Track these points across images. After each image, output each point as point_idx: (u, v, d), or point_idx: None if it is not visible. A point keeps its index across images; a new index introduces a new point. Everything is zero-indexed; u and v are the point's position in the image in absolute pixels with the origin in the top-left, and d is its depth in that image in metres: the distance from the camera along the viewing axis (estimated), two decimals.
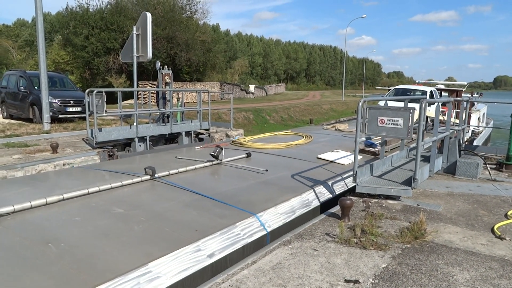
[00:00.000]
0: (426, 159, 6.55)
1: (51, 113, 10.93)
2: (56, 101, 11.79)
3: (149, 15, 10.25)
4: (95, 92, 7.77)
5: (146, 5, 29.22)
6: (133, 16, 27.60)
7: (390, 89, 17.73)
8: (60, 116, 11.87)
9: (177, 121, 10.40)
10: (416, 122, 5.90)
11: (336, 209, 4.73)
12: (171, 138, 10.41)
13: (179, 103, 10.89)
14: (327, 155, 7.58)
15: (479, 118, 20.09)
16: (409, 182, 5.23)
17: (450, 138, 6.89)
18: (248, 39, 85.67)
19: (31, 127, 10.90)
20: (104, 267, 3.03)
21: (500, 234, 3.95)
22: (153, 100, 18.36)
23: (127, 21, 27.57)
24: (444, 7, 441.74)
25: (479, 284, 2.98)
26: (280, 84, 67.59)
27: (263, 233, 4.12)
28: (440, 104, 6.67)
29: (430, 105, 11.03)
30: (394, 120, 5.21)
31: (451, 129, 6.89)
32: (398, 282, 2.99)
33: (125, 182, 5.36)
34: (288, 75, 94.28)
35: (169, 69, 10.42)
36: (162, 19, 28.73)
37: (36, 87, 12.11)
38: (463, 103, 7.72)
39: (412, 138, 5.73)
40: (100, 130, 8.16)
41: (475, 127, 17.29)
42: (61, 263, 3.08)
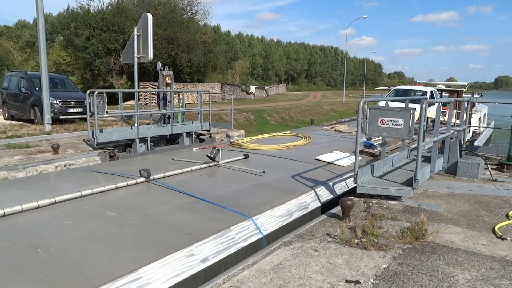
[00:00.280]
0: (427, 159, 6.54)
1: (52, 114, 10.95)
2: (57, 102, 11.81)
3: (150, 16, 10.27)
4: (96, 93, 7.79)
5: (147, 6, 29.29)
6: (134, 17, 27.66)
7: (390, 90, 17.70)
8: (61, 117, 11.89)
9: (178, 122, 10.40)
10: (416, 122, 5.89)
11: (337, 209, 4.73)
12: (172, 139, 10.42)
13: (180, 104, 10.90)
14: (325, 157, 7.53)
15: (480, 119, 20.06)
16: (410, 182, 5.23)
17: (451, 138, 6.88)
18: (249, 39, 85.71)
19: (32, 128, 10.93)
20: (93, 273, 2.95)
21: (501, 234, 3.95)
22: (154, 101, 18.40)
23: (128, 22, 27.63)
24: (445, 8, 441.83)
25: (480, 284, 2.98)
26: (281, 84, 67.59)
27: (258, 237, 4.03)
28: (440, 104, 6.67)
29: (430, 105, 11.02)
30: (395, 121, 5.21)
31: (452, 129, 6.89)
32: (399, 282, 2.99)
33: (119, 185, 5.24)
34: (289, 75, 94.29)
35: (170, 70, 10.44)
36: (163, 20, 28.80)
37: (37, 88, 12.13)
38: (464, 103, 7.71)
39: (413, 139, 5.72)
40: (101, 131, 8.18)
41: (476, 127, 17.26)
42: (49, 269, 3.00)
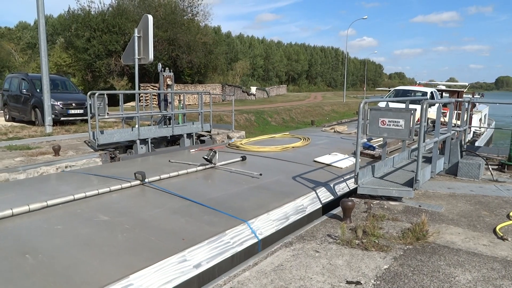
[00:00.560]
0: (427, 160, 6.54)
1: (53, 116, 10.99)
2: (58, 103, 11.83)
3: (150, 17, 10.29)
4: (97, 94, 7.80)
5: (147, 7, 29.36)
6: (134, 18, 27.73)
7: (390, 90, 17.67)
8: (62, 119, 11.91)
9: (178, 123, 10.41)
10: (417, 123, 5.89)
11: (338, 210, 4.72)
12: (173, 140, 10.43)
13: (181, 105, 10.91)
14: (324, 158, 7.43)
15: (480, 119, 20.02)
16: (410, 183, 5.23)
17: (452, 139, 6.88)
18: (249, 40, 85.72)
19: (33, 129, 10.95)
20: (82, 280, 2.87)
21: (502, 235, 3.95)
22: (154, 102, 18.40)
23: (129, 23, 27.70)
24: (445, 8, 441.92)
25: (481, 285, 2.98)
26: (281, 85, 67.67)
27: (254, 241, 3.95)
28: (441, 105, 6.67)
29: (431, 106, 11.02)
30: (395, 121, 5.21)
31: (452, 130, 6.89)
32: (400, 283, 2.99)
33: (113, 188, 5.13)
34: (290, 76, 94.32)
35: (170, 71, 10.45)
36: (163, 21, 28.86)
37: (38, 90, 12.16)
38: (464, 104, 7.71)
39: (413, 140, 5.72)
40: (102, 132, 8.18)
41: (476, 128, 17.23)
42: (37, 276, 2.92)
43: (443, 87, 20.83)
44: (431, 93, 15.13)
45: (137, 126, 8.92)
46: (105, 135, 8.19)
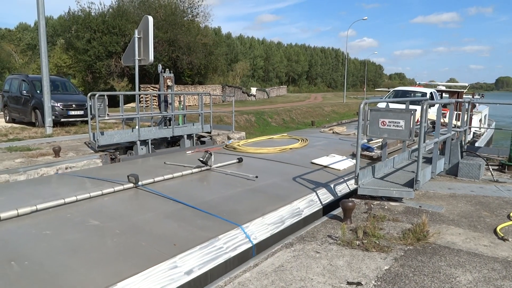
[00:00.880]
0: (428, 160, 6.54)
1: (53, 117, 11.00)
2: (58, 105, 11.84)
3: (150, 18, 10.30)
4: (97, 95, 7.81)
5: (147, 8, 29.37)
6: (134, 19, 27.74)
7: (390, 91, 17.65)
8: (62, 120, 11.93)
9: (179, 124, 10.41)
10: (417, 123, 5.89)
11: (338, 211, 4.72)
12: (173, 141, 10.43)
13: (181, 106, 10.92)
14: (321, 160, 7.33)
15: (480, 120, 20.01)
16: (411, 183, 5.23)
17: (452, 139, 6.88)
18: (249, 41, 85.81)
19: (33, 131, 10.96)
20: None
21: (502, 235, 3.95)
22: (155, 103, 18.41)
23: (129, 24, 27.72)
24: (445, 9, 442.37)
25: (482, 285, 2.98)
26: (281, 86, 67.73)
27: (248, 246, 3.84)
28: (441, 105, 6.67)
29: (431, 107, 11.02)
30: (396, 122, 5.21)
31: (452, 130, 6.89)
32: (400, 284, 2.99)
33: (105, 191, 4.97)
34: (290, 77, 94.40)
35: (170, 72, 10.46)
36: (163, 22, 28.87)
37: (38, 91, 12.17)
38: (465, 104, 7.71)
39: (413, 140, 5.72)
40: (102, 133, 8.18)
41: (476, 128, 17.21)
42: (22, 284, 2.82)
43: (443, 88, 20.81)
44: (431, 93, 15.10)
45: (137, 127, 8.92)
46: (105, 136, 8.19)
